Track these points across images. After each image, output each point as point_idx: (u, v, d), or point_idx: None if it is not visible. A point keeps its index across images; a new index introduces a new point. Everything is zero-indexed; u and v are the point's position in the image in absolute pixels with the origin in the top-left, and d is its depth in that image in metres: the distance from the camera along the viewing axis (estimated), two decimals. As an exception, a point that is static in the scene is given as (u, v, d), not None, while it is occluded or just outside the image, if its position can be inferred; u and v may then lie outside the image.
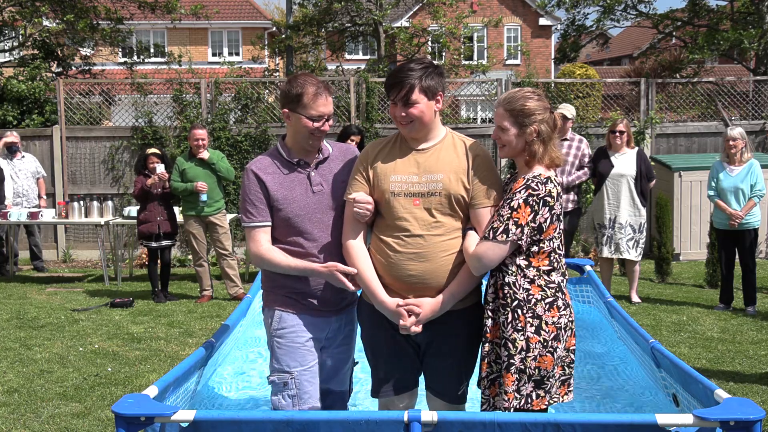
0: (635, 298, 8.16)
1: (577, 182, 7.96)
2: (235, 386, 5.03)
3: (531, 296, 3.13)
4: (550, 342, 3.13)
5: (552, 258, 3.16)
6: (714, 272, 8.89)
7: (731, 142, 7.57)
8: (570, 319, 3.23)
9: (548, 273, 3.15)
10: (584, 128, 11.79)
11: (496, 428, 2.62)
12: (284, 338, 3.33)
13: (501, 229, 3.06)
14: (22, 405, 5.00)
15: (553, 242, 3.15)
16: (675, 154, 11.88)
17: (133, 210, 9.46)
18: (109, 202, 9.82)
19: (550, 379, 3.16)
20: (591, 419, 2.71)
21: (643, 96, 12.15)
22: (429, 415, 2.64)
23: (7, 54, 15.57)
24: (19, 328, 7.20)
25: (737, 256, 7.77)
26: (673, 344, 6.37)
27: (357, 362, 3.73)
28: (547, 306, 3.13)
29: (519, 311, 3.12)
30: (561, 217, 3.21)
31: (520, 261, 3.13)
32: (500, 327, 3.17)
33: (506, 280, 3.14)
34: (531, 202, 3.06)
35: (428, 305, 3.13)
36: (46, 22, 15.03)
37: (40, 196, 10.69)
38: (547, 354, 3.13)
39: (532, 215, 3.06)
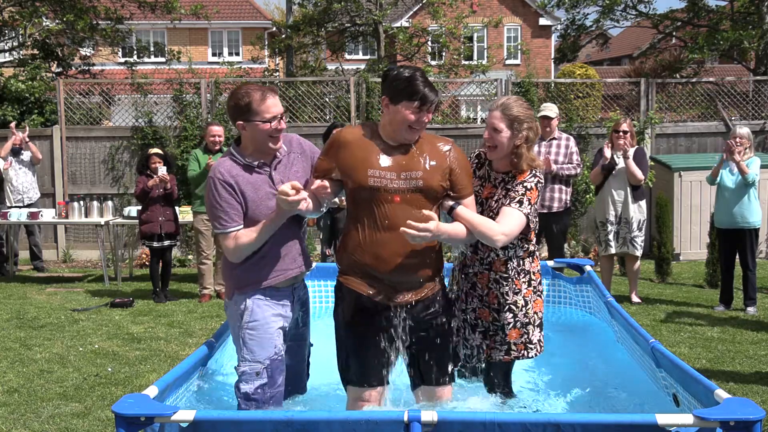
0: (635, 299, 8.15)
1: (566, 172, 7.97)
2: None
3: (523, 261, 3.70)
4: (538, 287, 3.74)
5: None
6: (714, 272, 8.88)
7: (738, 139, 7.58)
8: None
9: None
10: (584, 128, 11.79)
11: (496, 428, 2.63)
12: (256, 330, 3.48)
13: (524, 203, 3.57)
14: (22, 405, 5.00)
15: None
16: (675, 154, 11.87)
17: (133, 210, 9.46)
18: (109, 202, 9.82)
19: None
20: (591, 419, 2.71)
21: (643, 96, 12.15)
22: (429, 415, 2.64)
23: (7, 54, 15.57)
24: (19, 328, 7.20)
25: (737, 256, 7.78)
26: (673, 344, 6.36)
27: (311, 344, 3.91)
28: (531, 259, 3.73)
29: (516, 278, 3.66)
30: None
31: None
32: (495, 297, 3.66)
33: (509, 254, 3.65)
34: (539, 187, 3.64)
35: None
36: (46, 22, 15.02)
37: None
38: (538, 298, 3.74)
39: (538, 197, 3.65)
